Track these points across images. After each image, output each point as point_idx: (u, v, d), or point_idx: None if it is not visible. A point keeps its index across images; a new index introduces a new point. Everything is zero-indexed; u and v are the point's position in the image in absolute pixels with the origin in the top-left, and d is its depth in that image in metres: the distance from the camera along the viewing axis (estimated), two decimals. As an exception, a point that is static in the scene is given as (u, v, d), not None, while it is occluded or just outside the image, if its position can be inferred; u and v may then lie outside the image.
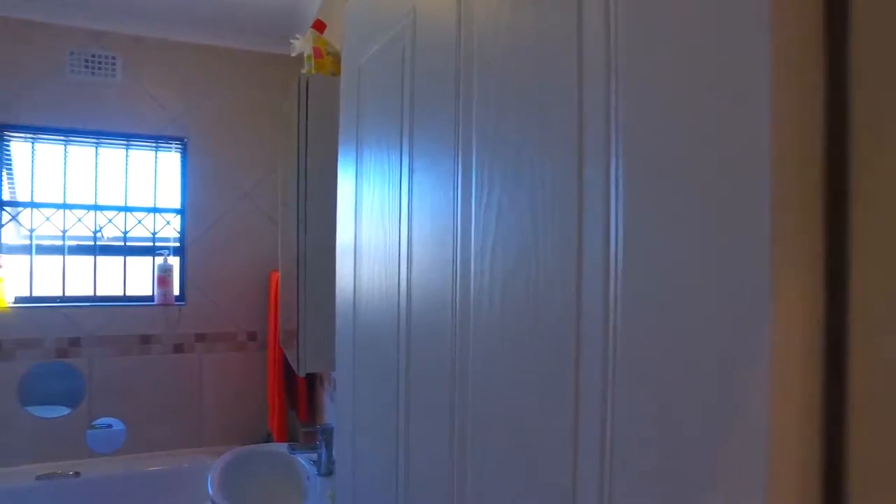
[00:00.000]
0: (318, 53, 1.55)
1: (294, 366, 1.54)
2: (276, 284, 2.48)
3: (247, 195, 2.85)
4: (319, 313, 1.50)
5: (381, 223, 0.82)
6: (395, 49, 0.78)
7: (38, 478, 2.51)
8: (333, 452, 1.77)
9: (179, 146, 2.81)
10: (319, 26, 1.67)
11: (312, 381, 2.40)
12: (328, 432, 1.78)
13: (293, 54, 1.65)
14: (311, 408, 2.41)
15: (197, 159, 2.79)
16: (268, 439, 2.67)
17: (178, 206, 2.82)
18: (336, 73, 1.58)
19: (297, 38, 1.62)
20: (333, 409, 2.03)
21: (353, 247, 0.95)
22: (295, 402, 2.45)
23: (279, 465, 1.86)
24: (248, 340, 2.85)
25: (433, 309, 0.65)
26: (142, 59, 2.73)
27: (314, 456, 1.80)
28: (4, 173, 2.67)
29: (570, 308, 0.42)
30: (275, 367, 2.43)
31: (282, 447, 1.95)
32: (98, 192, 2.74)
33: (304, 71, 1.65)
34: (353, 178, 0.97)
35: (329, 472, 1.74)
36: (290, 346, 1.67)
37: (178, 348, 2.77)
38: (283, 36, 2.73)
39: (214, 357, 2.81)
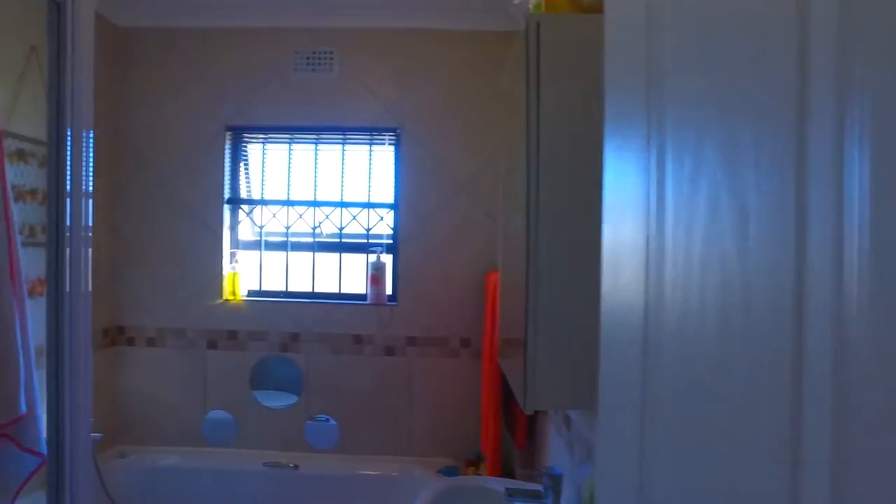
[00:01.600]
0: (552, -8, 1.19)
1: (518, 398, 1.19)
2: (494, 287, 2.18)
3: (462, 188, 2.62)
4: (557, 333, 1.13)
5: (734, 206, 0.41)
6: None
7: (264, 464, 2.59)
8: (563, 506, 1.40)
9: (393, 137, 2.68)
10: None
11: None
12: (556, 480, 1.41)
13: (516, 1, 1.30)
14: (531, 436, 2.07)
15: (410, 150, 2.63)
16: (479, 459, 2.41)
17: (391, 200, 2.70)
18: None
19: (526, -21, 1.27)
20: (560, 447, 1.65)
21: (643, 246, 0.56)
22: (512, 425, 2.13)
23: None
24: (461, 347, 2.62)
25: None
26: (356, 50, 2.66)
27: (538, 505, 1.44)
28: (243, 173, 2.80)
29: None
30: (490, 381, 2.14)
31: (498, 484, 1.64)
32: (317, 188, 2.74)
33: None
34: (642, 143, 0.57)
35: (557, 531, 1.37)
36: (511, 368, 1.34)
37: (389, 350, 2.65)
38: (499, 10, 2.44)
39: (426, 362, 2.64)
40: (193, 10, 2.66)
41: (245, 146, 2.79)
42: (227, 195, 2.74)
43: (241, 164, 2.80)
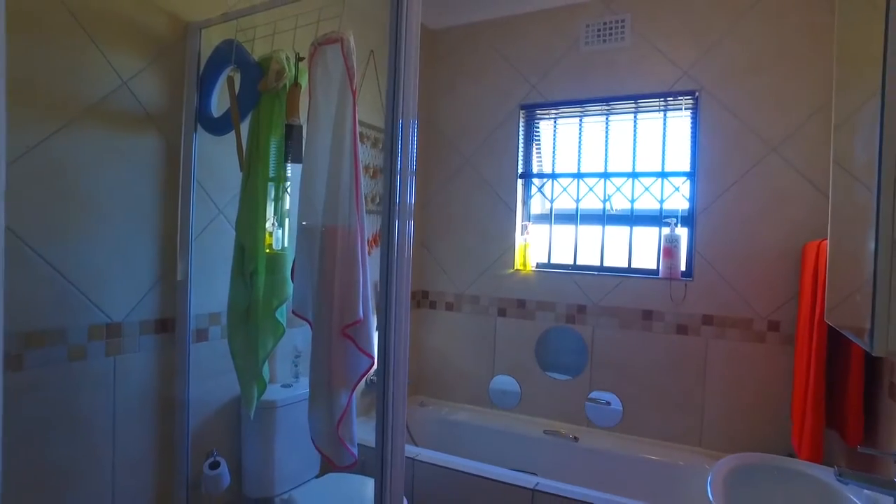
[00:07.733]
0: None
1: (863, 343, 0.98)
2: (815, 260, 1.86)
3: (774, 150, 2.30)
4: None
5: None
6: None
7: (545, 432, 2.67)
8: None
9: (689, 102, 2.49)
10: None
11: (874, 389, 1.68)
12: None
13: None
14: (871, 427, 1.69)
15: (710, 113, 2.42)
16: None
17: (687, 169, 2.51)
18: None
19: None
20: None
21: None
22: (837, 419, 1.78)
23: (814, 493, 1.30)
24: (768, 331, 2.30)
25: None
26: (650, 13, 2.55)
27: (878, 496, 1.16)
28: (535, 148, 2.93)
29: None
30: (807, 369, 1.82)
31: (820, 469, 1.38)
32: (608, 161, 2.71)
33: None
34: None
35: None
36: (849, 317, 1.11)
37: (682, 329, 2.46)
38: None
39: (723, 345, 2.38)
40: (495, 3, 2.88)
41: (537, 123, 2.91)
42: (519, 170, 2.89)
43: (534, 143, 2.92)
